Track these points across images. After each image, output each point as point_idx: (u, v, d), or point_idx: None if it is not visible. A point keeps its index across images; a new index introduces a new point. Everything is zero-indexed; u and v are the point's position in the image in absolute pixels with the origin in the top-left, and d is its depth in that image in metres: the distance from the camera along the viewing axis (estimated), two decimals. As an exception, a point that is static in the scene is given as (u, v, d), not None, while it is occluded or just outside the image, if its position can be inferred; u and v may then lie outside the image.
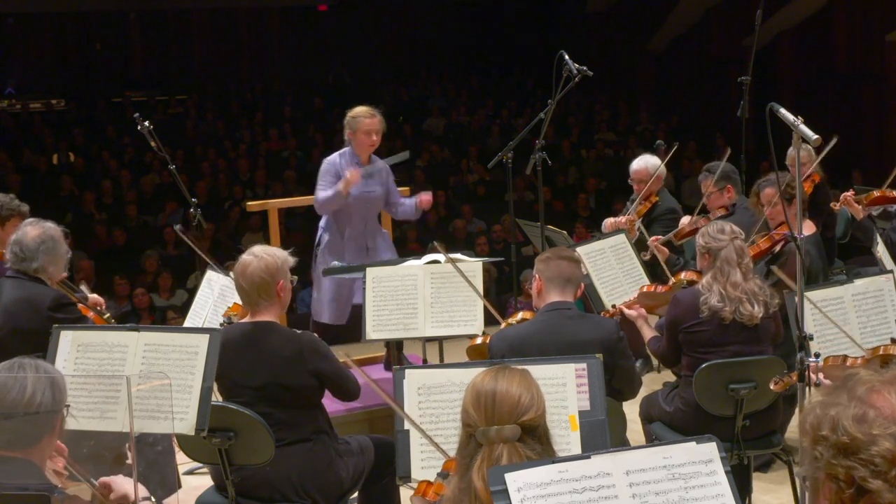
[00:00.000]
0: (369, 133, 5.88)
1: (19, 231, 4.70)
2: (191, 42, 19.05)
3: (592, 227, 10.27)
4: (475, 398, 2.51)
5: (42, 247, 4.62)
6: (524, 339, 4.05)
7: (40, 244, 4.62)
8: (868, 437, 1.63)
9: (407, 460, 3.46)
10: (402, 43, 19.43)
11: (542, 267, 4.15)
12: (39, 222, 4.73)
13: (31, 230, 4.67)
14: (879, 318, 4.50)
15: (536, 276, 4.18)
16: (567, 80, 5.71)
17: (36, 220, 4.77)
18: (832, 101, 14.02)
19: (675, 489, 2.33)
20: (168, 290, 10.00)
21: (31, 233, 4.65)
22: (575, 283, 4.16)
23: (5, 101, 17.92)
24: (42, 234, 4.65)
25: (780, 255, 5.30)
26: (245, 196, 12.35)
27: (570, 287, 4.13)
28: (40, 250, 4.62)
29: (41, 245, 4.62)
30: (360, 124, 5.88)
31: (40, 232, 4.66)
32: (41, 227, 4.69)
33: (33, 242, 4.62)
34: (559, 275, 4.11)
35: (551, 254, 4.24)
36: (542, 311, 4.14)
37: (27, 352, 4.34)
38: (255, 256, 4.00)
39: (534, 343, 4.00)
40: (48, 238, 4.66)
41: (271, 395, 3.92)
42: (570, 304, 4.12)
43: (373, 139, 5.90)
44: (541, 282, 4.16)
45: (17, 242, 4.64)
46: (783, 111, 3.80)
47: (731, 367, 4.36)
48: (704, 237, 4.57)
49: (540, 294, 4.17)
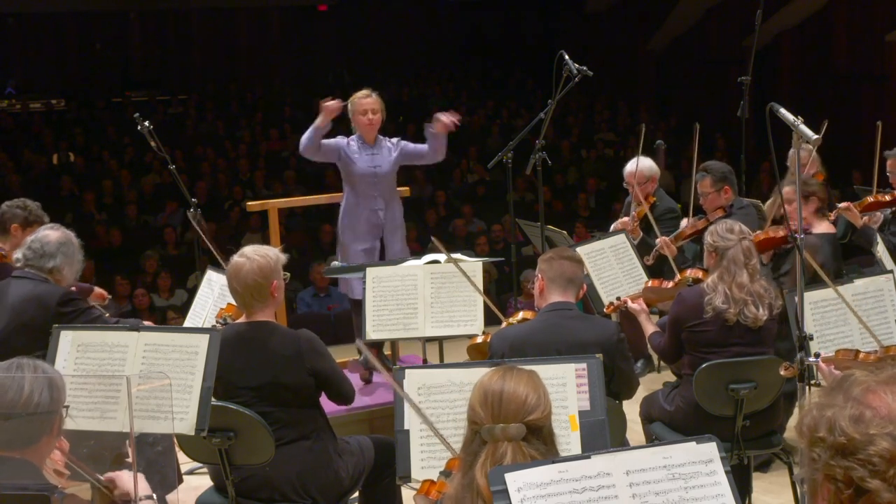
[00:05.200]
0: (365, 112, 5.93)
1: (39, 233, 4.77)
2: (191, 42, 19.05)
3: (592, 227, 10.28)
4: (482, 396, 2.52)
5: (62, 248, 4.69)
6: (525, 339, 4.05)
7: (61, 245, 4.69)
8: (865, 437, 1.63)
9: (407, 460, 3.45)
10: (402, 43, 19.43)
11: (544, 267, 4.15)
12: (60, 227, 4.82)
13: (52, 233, 4.74)
14: (879, 318, 4.50)
15: (539, 276, 4.18)
16: (567, 80, 5.71)
17: (57, 225, 4.87)
18: (832, 100, 14.02)
19: (675, 489, 2.33)
20: (168, 290, 10.00)
21: (53, 234, 4.73)
22: (577, 283, 4.15)
23: (5, 101, 17.93)
24: (63, 237, 4.73)
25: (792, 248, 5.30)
26: (245, 196, 12.35)
27: (572, 288, 4.13)
28: (60, 251, 4.68)
29: (61, 247, 4.69)
30: (357, 105, 5.96)
31: (62, 235, 4.74)
32: (63, 231, 4.78)
33: (55, 243, 4.69)
34: (561, 275, 4.10)
35: (554, 254, 4.23)
36: (543, 312, 4.14)
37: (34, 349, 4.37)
38: (247, 258, 3.97)
39: (534, 343, 4.00)
40: (69, 242, 4.74)
41: (270, 394, 3.91)
42: (572, 305, 4.12)
43: (369, 117, 5.93)
44: (543, 281, 4.15)
45: (37, 240, 4.70)
46: (783, 111, 3.80)
47: (731, 367, 4.36)
48: (712, 235, 4.56)
49: (542, 294, 4.17)
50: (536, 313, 4.27)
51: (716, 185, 6.02)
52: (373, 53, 19.13)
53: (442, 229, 11.70)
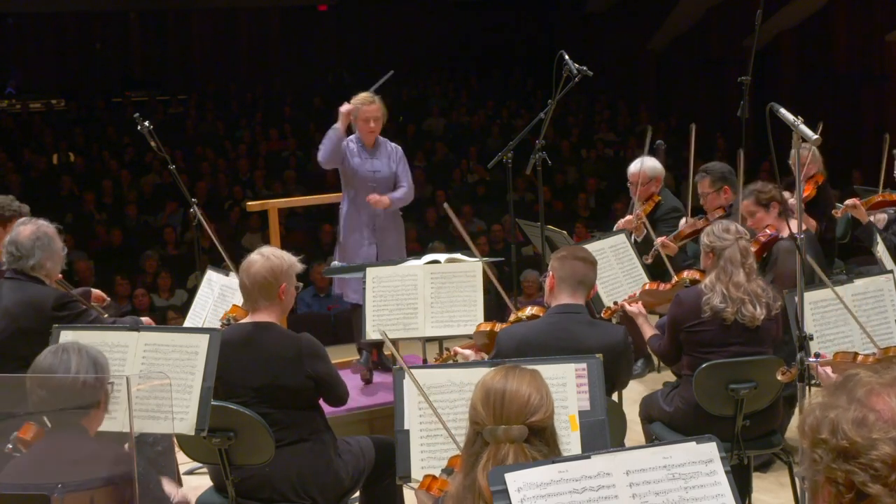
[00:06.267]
0: (367, 120, 5.96)
1: (13, 231, 4.67)
2: (191, 42, 19.04)
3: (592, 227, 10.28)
4: (485, 396, 2.51)
5: (37, 243, 4.59)
6: (531, 341, 4.00)
7: (35, 241, 4.59)
8: (868, 441, 1.62)
9: (407, 460, 3.45)
10: (402, 43, 19.42)
11: (556, 265, 4.10)
12: (32, 220, 4.70)
13: (24, 229, 4.63)
14: (879, 318, 4.50)
15: (551, 273, 4.14)
16: (567, 80, 5.71)
17: (28, 219, 4.74)
18: (832, 100, 14.02)
19: (675, 489, 2.33)
20: (168, 290, 10.00)
21: (25, 231, 4.61)
22: (588, 285, 4.11)
23: (5, 101, 17.92)
24: (36, 231, 4.61)
25: (769, 256, 5.30)
26: (245, 196, 12.35)
27: (582, 289, 4.08)
28: (36, 247, 4.58)
29: (36, 241, 4.59)
30: (360, 112, 5.96)
31: (34, 229, 4.62)
32: (34, 224, 4.66)
33: (28, 240, 4.58)
34: (573, 275, 4.06)
35: (567, 253, 4.17)
36: (551, 313, 4.10)
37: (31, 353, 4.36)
38: (262, 256, 4.02)
39: (539, 344, 3.96)
40: (42, 234, 4.62)
41: (270, 395, 3.91)
42: (581, 308, 4.07)
43: (370, 126, 5.96)
44: (554, 279, 4.11)
45: (12, 242, 4.60)
46: (783, 111, 3.80)
47: (731, 367, 4.36)
48: (709, 236, 4.56)
49: (552, 292, 4.12)
50: (545, 310, 4.24)
51: (714, 185, 6.03)
52: (373, 53, 19.12)
53: (442, 229, 11.71)
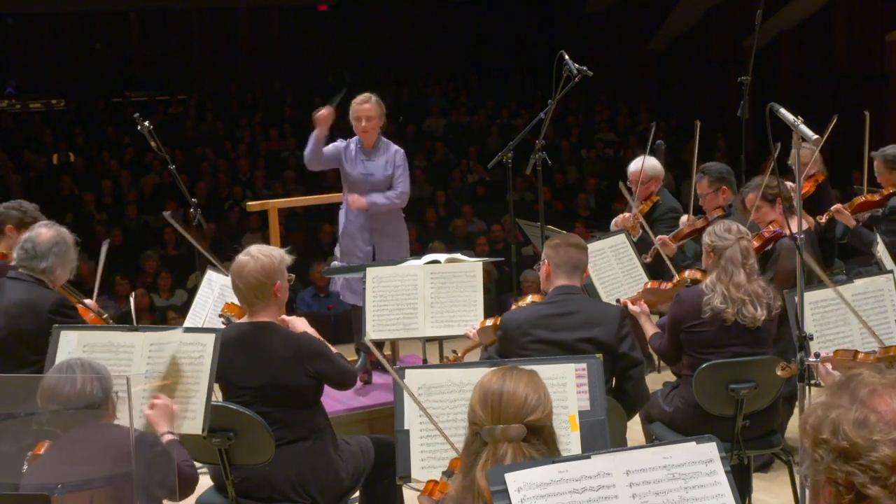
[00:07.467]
0: (359, 119, 5.93)
1: (32, 231, 4.66)
2: (191, 42, 19.03)
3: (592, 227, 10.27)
4: (482, 397, 2.53)
5: (55, 248, 4.59)
6: (534, 320, 4.17)
7: (53, 245, 4.59)
8: (868, 442, 1.62)
9: (407, 460, 3.46)
10: (402, 43, 19.41)
11: (550, 252, 4.28)
12: (54, 225, 4.72)
13: (45, 231, 4.63)
14: (879, 318, 4.49)
15: (545, 261, 4.30)
16: (567, 80, 5.71)
17: (51, 223, 4.75)
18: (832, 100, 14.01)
19: (675, 489, 2.33)
20: (168, 290, 10.00)
21: (47, 234, 4.62)
22: (581, 268, 4.32)
23: (5, 101, 17.90)
24: (56, 237, 4.62)
25: (771, 251, 5.32)
26: (245, 196, 12.34)
27: (577, 273, 4.28)
28: (52, 251, 4.58)
29: (54, 247, 4.59)
30: (353, 111, 5.97)
31: (55, 234, 4.63)
32: (56, 229, 4.67)
33: (47, 243, 4.58)
34: (567, 261, 4.25)
35: (560, 240, 4.36)
36: (551, 294, 4.26)
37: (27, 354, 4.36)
38: (251, 257, 3.98)
39: (544, 317, 4.14)
40: (62, 241, 4.63)
41: (270, 394, 3.91)
42: (577, 289, 4.27)
43: (362, 125, 5.92)
44: (549, 266, 4.28)
45: (29, 240, 4.60)
46: (783, 111, 3.80)
47: (731, 367, 4.36)
48: (710, 235, 4.57)
49: (548, 278, 4.30)
50: (543, 296, 4.37)
51: (713, 185, 6.03)
52: (373, 53, 19.11)
53: (442, 229, 11.71)
